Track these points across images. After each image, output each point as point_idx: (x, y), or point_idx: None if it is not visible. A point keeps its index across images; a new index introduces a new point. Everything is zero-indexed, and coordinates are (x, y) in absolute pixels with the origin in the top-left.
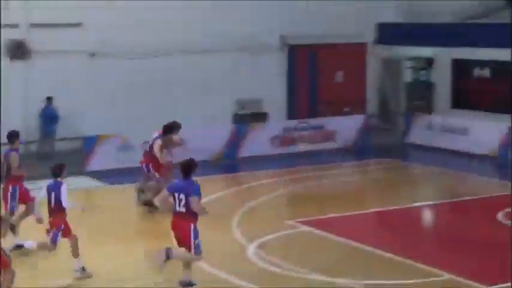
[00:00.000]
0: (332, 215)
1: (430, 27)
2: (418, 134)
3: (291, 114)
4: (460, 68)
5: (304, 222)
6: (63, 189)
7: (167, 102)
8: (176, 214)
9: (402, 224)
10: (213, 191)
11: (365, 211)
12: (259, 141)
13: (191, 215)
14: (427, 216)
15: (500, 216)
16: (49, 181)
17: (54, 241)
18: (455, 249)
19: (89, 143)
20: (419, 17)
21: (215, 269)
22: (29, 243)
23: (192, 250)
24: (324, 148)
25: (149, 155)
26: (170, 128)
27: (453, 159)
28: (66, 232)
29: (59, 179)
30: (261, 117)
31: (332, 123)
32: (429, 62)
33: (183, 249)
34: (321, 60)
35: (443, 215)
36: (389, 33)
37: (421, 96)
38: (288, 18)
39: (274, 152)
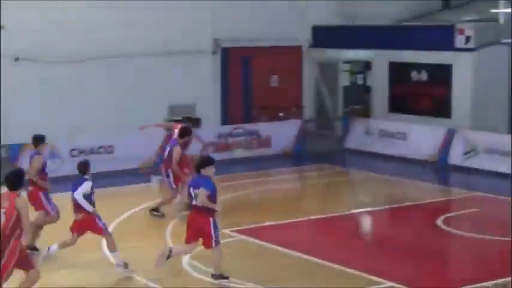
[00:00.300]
0: (269, 223)
1: (366, 30)
2: (356, 139)
3: (225, 119)
4: (398, 71)
5: (240, 231)
6: (84, 184)
7: (97, 108)
8: (193, 209)
9: (341, 231)
10: (144, 199)
11: (303, 218)
12: (192, 148)
13: (208, 208)
14: (367, 223)
15: (439, 221)
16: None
17: (107, 231)
18: (396, 256)
19: (14, 151)
20: (356, 19)
21: (150, 282)
22: (117, 258)
23: (213, 242)
24: (259, 154)
25: (169, 161)
26: (186, 131)
27: (392, 165)
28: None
29: (85, 176)
30: (194, 122)
31: (268, 128)
32: (366, 66)
33: (213, 256)
34: (256, 64)
35: (382, 222)
36: (325, 36)
37: (358, 100)
38: (221, 20)
39: None
